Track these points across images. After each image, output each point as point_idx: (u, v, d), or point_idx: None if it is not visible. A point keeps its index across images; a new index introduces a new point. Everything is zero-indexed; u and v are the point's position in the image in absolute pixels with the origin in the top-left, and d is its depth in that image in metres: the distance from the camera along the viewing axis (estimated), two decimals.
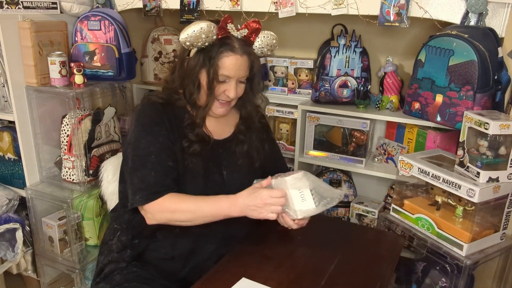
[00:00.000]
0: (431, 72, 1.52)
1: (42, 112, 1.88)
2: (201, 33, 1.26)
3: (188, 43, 1.28)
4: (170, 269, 1.34)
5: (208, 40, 1.28)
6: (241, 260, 1.28)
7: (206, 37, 1.27)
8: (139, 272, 1.32)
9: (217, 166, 1.36)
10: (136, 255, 1.36)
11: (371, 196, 2.07)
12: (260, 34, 1.36)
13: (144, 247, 1.36)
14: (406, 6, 1.53)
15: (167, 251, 1.34)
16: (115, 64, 1.85)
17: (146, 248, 1.36)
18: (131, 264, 1.35)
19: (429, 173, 1.45)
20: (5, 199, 1.94)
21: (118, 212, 1.44)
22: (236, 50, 1.30)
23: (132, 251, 1.36)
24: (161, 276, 1.33)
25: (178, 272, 1.34)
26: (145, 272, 1.32)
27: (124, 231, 1.39)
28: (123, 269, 1.33)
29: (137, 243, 1.36)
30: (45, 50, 1.79)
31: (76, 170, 1.83)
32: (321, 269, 1.24)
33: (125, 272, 1.32)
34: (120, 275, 1.31)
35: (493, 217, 1.43)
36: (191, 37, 1.26)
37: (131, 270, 1.33)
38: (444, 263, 1.45)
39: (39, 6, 1.83)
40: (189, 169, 1.31)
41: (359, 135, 1.86)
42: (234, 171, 1.40)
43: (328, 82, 1.87)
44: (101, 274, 1.37)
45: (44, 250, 2.00)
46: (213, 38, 1.28)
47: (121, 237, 1.39)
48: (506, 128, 1.30)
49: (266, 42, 1.37)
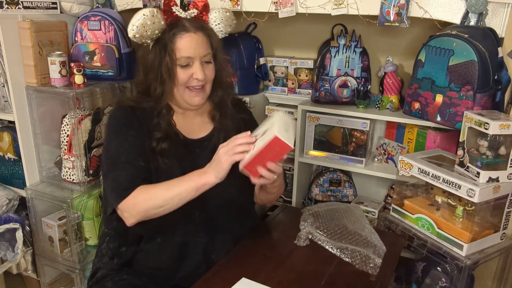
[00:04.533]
0: (431, 72, 1.52)
1: (42, 112, 1.88)
2: (145, 20, 1.22)
3: (138, 36, 1.24)
4: (161, 277, 1.31)
5: (157, 28, 1.24)
6: (241, 260, 1.28)
7: (153, 24, 1.23)
8: (130, 280, 1.30)
9: (194, 167, 1.25)
10: (125, 263, 1.34)
11: (371, 196, 2.06)
12: (212, 11, 1.32)
13: (131, 256, 1.34)
14: (406, 6, 1.53)
15: (154, 260, 1.31)
16: (115, 64, 1.85)
17: (133, 258, 1.34)
18: (123, 271, 1.33)
19: (429, 173, 1.45)
20: (5, 199, 1.94)
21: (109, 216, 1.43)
22: (189, 29, 1.25)
23: (119, 260, 1.34)
24: (153, 283, 1.31)
25: (170, 280, 1.31)
26: (137, 280, 1.31)
27: (112, 238, 1.38)
28: (114, 276, 1.32)
29: (124, 251, 1.35)
30: (45, 50, 1.79)
31: (76, 170, 1.83)
32: (321, 269, 1.24)
33: (116, 279, 1.31)
34: (111, 282, 1.30)
35: (493, 217, 1.43)
36: (137, 28, 1.22)
37: (122, 277, 1.31)
38: (444, 263, 1.45)
39: (39, 6, 1.83)
40: (163, 170, 1.27)
41: (359, 135, 1.86)
42: None
43: (328, 82, 1.87)
44: (93, 278, 1.36)
45: (44, 250, 1.99)
46: (161, 24, 1.25)
47: (109, 243, 1.38)
48: (506, 128, 1.30)
49: (220, 17, 1.33)
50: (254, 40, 2.05)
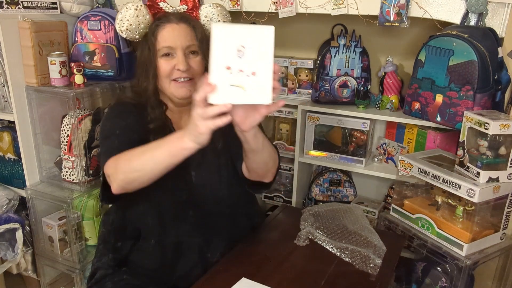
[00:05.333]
0: (431, 72, 1.52)
1: (42, 112, 1.88)
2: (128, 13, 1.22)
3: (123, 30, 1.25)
4: (159, 277, 1.31)
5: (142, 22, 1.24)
6: (241, 260, 1.28)
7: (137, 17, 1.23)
8: (130, 280, 1.30)
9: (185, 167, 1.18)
10: (121, 259, 1.34)
11: (371, 196, 2.07)
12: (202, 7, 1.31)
13: (127, 252, 1.33)
14: (406, 6, 1.53)
15: (150, 261, 1.31)
16: (115, 64, 1.85)
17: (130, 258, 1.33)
18: (122, 271, 1.33)
19: (429, 173, 1.45)
20: (5, 199, 1.94)
21: (109, 216, 1.43)
22: (171, 20, 1.25)
23: (114, 255, 1.34)
24: (153, 284, 1.31)
25: (168, 280, 1.31)
26: (136, 280, 1.30)
27: (109, 233, 1.38)
28: (114, 276, 1.32)
29: (120, 246, 1.34)
30: (45, 50, 1.79)
31: (76, 170, 1.83)
32: (321, 269, 1.24)
33: (116, 280, 1.30)
34: (111, 282, 1.30)
35: (493, 217, 1.43)
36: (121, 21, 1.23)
37: (122, 277, 1.31)
38: (444, 263, 1.45)
39: (39, 6, 1.83)
40: None
41: (359, 135, 1.86)
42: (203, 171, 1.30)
43: (328, 82, 1.87)
44: (92, 279, 1.36)
45: (44, 250, 2.00)
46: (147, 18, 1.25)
47: (106, 240, 1.38)
48: (506, 128, 1.30)
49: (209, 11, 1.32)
50: None
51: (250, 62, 0.88)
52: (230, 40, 0.87)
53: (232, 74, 0.88)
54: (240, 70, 0.88)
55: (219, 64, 0.87)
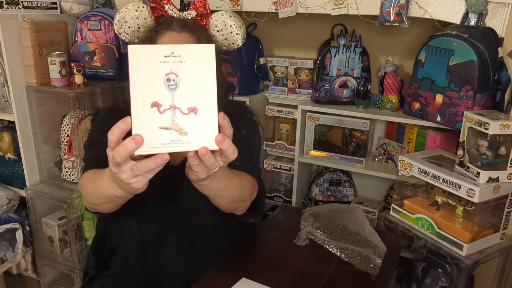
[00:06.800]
0: (431, 72, 1.52)
1: (42, 112, 1.88)
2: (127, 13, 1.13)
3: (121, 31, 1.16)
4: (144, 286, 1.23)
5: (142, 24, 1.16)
6: (241, 260, 1.28)
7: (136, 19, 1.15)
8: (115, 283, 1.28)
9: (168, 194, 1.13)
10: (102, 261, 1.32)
11: (371, 196, 2.07)
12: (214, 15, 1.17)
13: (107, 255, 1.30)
14: (406, 6, 1.53)
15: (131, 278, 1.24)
16: (115, 64, 1.85)
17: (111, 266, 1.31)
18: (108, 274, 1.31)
19: (429, 173, 1.45)
20: (5, 199, 1.94)
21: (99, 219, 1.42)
22: (173, 27, 1.10)
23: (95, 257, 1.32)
24: None
25: None
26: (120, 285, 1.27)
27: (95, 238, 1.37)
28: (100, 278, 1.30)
29: (101, 249, 1.32)
30: (45, 50, 1.79)
31: (76, 170, 1.83)
32: (321, 269, 1.24)
33: (102, 282, 1.29)
34: (97, 284, 1.29)
35: (493, 217, 1.43)
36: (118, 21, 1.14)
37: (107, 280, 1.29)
38: (444, 263, 1.45)
39: (39, 6, 1.83)
40: None
41: (359, 135, 1.86)
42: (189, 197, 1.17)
43: (328, 82, 1.87)
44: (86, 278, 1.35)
45: (44, 250, 2.00)
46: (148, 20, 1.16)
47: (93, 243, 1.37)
48: (506, 128, 1.30)
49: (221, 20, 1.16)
50: (254, 40, 2.05)
51: (186, 95, 0.66)
52: (154, 66, 0.65)
53: (162, 113, 0.66)
54: (172, 107, 0.66)
55: (142, 100, 0.65)
